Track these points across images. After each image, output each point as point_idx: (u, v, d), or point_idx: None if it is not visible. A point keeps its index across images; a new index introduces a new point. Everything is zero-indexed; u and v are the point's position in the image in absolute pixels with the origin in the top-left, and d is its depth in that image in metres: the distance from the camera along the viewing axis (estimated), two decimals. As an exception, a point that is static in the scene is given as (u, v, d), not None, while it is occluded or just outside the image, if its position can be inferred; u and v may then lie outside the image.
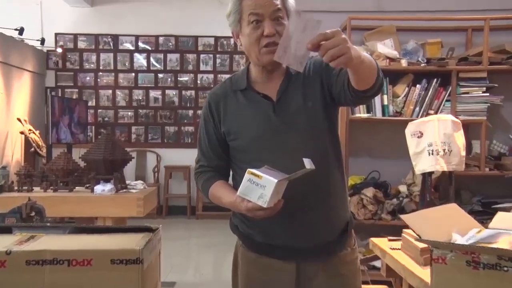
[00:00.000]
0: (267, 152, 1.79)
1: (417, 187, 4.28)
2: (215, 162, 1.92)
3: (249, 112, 1.83)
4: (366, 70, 1.55)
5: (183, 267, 5.49)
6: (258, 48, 1.75)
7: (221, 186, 1.87)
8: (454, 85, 4.40)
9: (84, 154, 4.04)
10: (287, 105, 1.80)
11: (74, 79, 8.53)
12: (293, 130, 1.79)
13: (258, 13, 1.72)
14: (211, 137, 1.90)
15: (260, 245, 1.85)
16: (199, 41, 8.55)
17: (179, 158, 8.41)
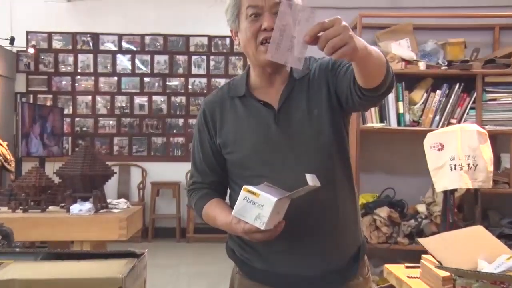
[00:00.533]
0: (267, 167, 1.79)
1: (437, 207, 4.27)
2: (210, 178, 1.92)
3: (248, 122, 1.83)
4: (373, 64, 1.54)
5: (171, 298, 5.48)
6: (255, 44, 1.76)
7: (216, 205, 1.87)
8: (479, 90, 4.40)
9: (59, 169, 4.03)
10: (290, 113, 1.81)
11: (48, 83, 8.54)
12: (296, 142, 1.79)
13: (258, 5, 1.72)
14: (205, 150, 1.91)
15: (259, 273, 1.84)
16: (191, 41, 8.59)
17: (167, 173, 8.41)
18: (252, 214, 1.57)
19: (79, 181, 3.94)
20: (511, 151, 4.41)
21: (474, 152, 3.76)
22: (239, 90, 1.87)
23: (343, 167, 1.85)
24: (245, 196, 1.59)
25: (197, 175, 1.95)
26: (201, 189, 1.93)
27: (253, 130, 1.82)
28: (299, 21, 1.45)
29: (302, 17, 1.45)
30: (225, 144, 1.86)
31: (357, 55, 1.42)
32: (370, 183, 4.53)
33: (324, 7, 4.43)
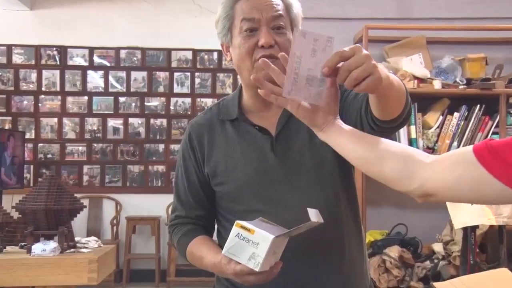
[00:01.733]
0: (262, 201, 1.79)
1: (456, 246, 4.28)
2: (195, 211, 1.92)
3: (240, 149, 1.84)
4: (395, 95, 1.53)
5: None
6: (251, 62, 1.76)
7: (203, 243, 1.85)
8: (503, 112, 4.43)
9: (18, 202, 4.02)
10: (289, 141, 1.82)
11: (6, 103, 8.53)
12: (296, 174, 1.80)
13: (254, 18, 1.74)
14: (191, 179, 1.90)
15: None
16: (173, 55, 8.62)
17: (145, 207, 8.40)
18: (246, 254, 1.55)
19: (42, 217, 3.92)
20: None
21: (498, 183, 3.77)
22: (231, 112, 1.88)
23: (348, 201, 1.85)
24: (238, 233, 1.57)
25: (180, 208, 1.94)
26: (185, 224, 1.92)
27: (246, 158, 1.82)
28: (315, 52, 1.44)
29: (318, 46, 1.44)
30: (214, 174, 1.86)
31: (381, 87, 1.41)
32: (378, 218, 4.53)
33: (327, 18, 4.49)
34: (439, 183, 1.29)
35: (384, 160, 1.40)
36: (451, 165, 1.28)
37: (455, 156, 1.32)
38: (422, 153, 1.39)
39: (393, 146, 1.46)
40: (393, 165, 1.38)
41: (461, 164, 1.25)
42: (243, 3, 1.76)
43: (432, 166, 1.31)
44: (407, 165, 1.35)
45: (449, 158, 1.32)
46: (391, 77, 1.49)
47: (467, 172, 1.23)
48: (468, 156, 1.23)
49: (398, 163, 1.38)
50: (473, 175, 1.22)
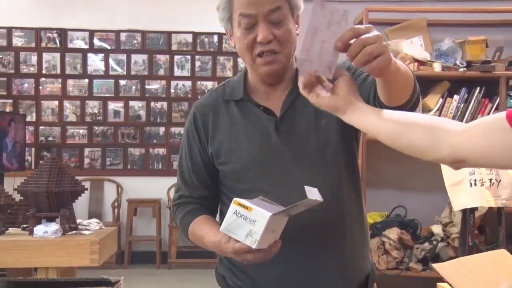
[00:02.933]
0: (266, 181, 1.79)
1: (455, 228, 4.29)
2: (199, 191, 1.91)
3: (245, 129, 1.84)
4: (402, 81, 1.55)
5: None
6: (252, 56, 1.76)
7: (204, 223, 1.85)
8: (503, 95, 4.43)
9: (20, 185, 4.03)
10: (294, 122, 1.81)
11: (7, 86, 8.52)
12: (300, 154, 1.80)
13: (250, 14, 1.72)
14: (195, 159, 1.90)
15: None
16: (173, 38, 8.60)
17: (146, 190, 8.40)
18: (243, 231, 1.54)
19: (44, 199, 3.93)
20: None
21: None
22: (236, 93, 1.88)
23: (351, 183, 1.85)
24: (236, 210, 1.56)
25: (184, 188, 1.93)
26: (188, 204, 1.92)
27: (250, 138, 1.82)
28: (330, 25, 1.44)
29: (334, 20, 1.44)
30: (218, 154, 1.86)
31: (389, 70, 1.43)
32: (378, 200, 4.54)
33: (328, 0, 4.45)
34: (470, 149, 1.32)
35: (413, 131, 1.41)
36: (482, 131, 1.31)
37: (486, 124, 1.34)
38: (451, 121, 1.41)
39: (420, 117, 1.49)
40: (422, 135, 1.40)
41: (494, 130, 1.28)
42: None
43: (462, 133, 1.33)
44: (437, 134, 1.37)
45: (480, 125, 1.34)
46: (398, 63, 1.50)
47: (500, 138, 1.25)
48: (500, 122, 1.25)
49: (427, 132, 1.39)
50: (506, 140, 1.24)
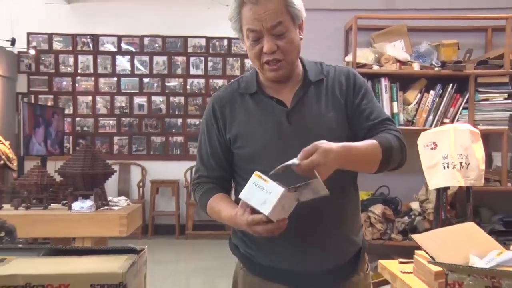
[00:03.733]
0: (277, 163, 1.74)
1: (430, 204, 4.28)
2: (216, 172, 1.90)
3: (259, 117, 1.82)
4: (359, 167, 1.76)
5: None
6: (260, 63, 1.76)
7: (221, 199, 1.85)
8: (472, 91, 4.41)
9: (60, 167, 4.04)
10: (303, 113, 1.80)
11: (49, 84, 8.54)
12: (307, 140, 1.74)
13: (256, 29, 1.71)
14: (213, 144, 1.89)
15: (263, 269, 1.83)
16: (189, 42, 8.58)
17: (166, 172, 8.42)
18: (259, 199, 1.55)
19: (80, 179, 3.94)
20: (502, 150, 4.41)
21: (467, 151, 3.78)
22: (250, 87, 1.86)
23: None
24: (255, 181, 1.58)
25: (203, 169, 1.92)
26: (206, 183, 1.91)
27: (264, 125, 1.81)
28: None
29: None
30: (235, 139, 1.84)
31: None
32: (365, 181, 4.49)
33: (320, 9, 4.44)
34: None
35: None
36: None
37: None
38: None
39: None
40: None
41: None
42: (246, 11, 1.72)
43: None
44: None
45: None
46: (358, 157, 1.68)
47: None
48: None
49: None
50: None
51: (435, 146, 3.81)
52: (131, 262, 1.78)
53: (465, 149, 3.77)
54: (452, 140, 3.78)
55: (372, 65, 4.44)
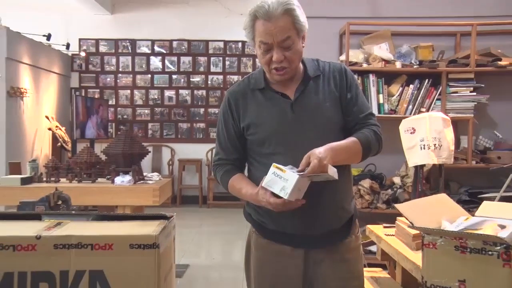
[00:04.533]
0: (283, 145, 1.77)
1: (410, 179, 4.27)
2: (233, 155, 1.89)
3: (268, 109, 1.81)
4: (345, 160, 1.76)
5: (195, 251, 5.52)
6: (269, 69, 1.76)
7: (242, 179, 1.85)
8: (444, 85, 4.39)
9: (105, 148, 4.07)
10: (305, 103, 1.79)
11: (96, 80, 8.55)
12: (309, 127, 1.77)
13: (268, 42, 1.71)
14: (230, 132, 1.88)
15: (271, 233, 1.84)
16: (210, 45, 8.55)
17: (191, 152, 8.44)
18: (278, 186, 1.58)
19: (121, 158, 3.97)
20: (468, 134, 4.40)
21: (439, 135, 3.76)
22: (259, 83, 1.85)
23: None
24: (274, 171, 1.60)
25: (222, 153, 1.91)
26: (225, 165, 1.90)
27: (272, 115, 1.79)
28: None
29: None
30: (248, 127, 1.83)
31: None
32: (355, 160, 4.52)
33: (319, 17, 4.41)
34: None
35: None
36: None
37: None
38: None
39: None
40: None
41: None
42: (260, 25, 1.71)
43: None
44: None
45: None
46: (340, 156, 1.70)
47: None
48: None
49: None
50: None
51: (414, 131, 3.80)
52: (163, 226, 1.79)
53: (438, 133, 3.75)
54: (428, 126, 3.77)
55: (362, 64, 4.43)
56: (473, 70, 4.39)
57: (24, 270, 1.61)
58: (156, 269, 1.67)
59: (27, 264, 1.62)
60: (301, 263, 1.82)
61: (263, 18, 1.70)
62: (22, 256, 1.63)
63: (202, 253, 5.57)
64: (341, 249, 1.84)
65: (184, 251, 5.25)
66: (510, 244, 1.46)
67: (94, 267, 1.66)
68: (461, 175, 4.57)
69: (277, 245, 1.83)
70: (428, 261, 1.59)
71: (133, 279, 1.65)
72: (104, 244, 1.66)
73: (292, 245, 1.81)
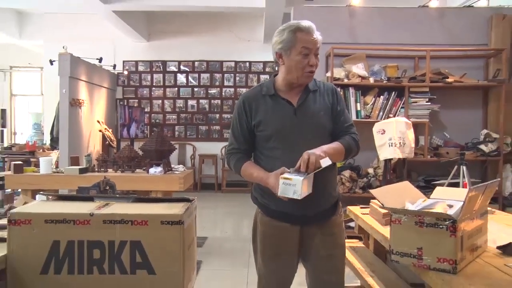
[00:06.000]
0: (284, 142, 1.76)
1: (380, 170, 4.27)
2: (244, 146, 1.87)
3: (275, 111, 1.80)
4: (332, 159, 1.72)
5: (212, 227, 5.53)
6: (302, 72, 1.76)
7: (252, 165, 1.83)
8: (406, 96, 4.40)
9: (142, 145, 4.07)
10: (305, 110, 1.79)
11: (135, 92, 8.56)
12: (307, 129, 1.77)
13: (309, 47, 1.73)
14: (243, 127, 1.85)
15: (274, 212, 1.83)
16: (224, 64, 8.54)
17: (209, 149, 8.43)
18: (291, 191, 1.58)
19: (154, 153, 3.97)
20: (425, 134, 4.42)
21: (403, 135, 3.76)
22: (269, 90, 1.83)
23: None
24: (283, 182, 1.59)
25: (235, 143, 1.88)
26: (238, 153, 1.87)
27: (278, 117, 1.78)
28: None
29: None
30: (258, 125, 1.81)
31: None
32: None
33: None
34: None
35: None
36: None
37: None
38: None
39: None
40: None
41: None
42: (303, 35, 1.73)
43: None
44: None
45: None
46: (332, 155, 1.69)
47: None
48: None
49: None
50: None
51: (384, 132, 3.79)
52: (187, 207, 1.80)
53: (402, 134, 3.75)
54: (394, 128, 3.76)
55: (343, 79, 4.43)
56: (428, 85, 4.42)
57: (82, 239, 1.66)
58: (181, 241, 1.68)
59: (84, 234, 1.66)
60: (297, 236, 1.81)
61: (306, 31, 1.74)
62: (80, 228, 1.66)
63: (218, 228, 5.57)
64: (328, 225, 1.84)
65: (203, 227, 5.26)
66: (455, 219, 1.47)
67: (133, 238, 1.68)
68: (419, 167, 4.57)
69: (278, 222, 1.82)
70: (394, 233, 1.59)
71: (163, 248, 1.67)
72: (141, 220, 1.68)
73: (290, 222, 1.80)
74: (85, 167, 4.03)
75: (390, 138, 3.75)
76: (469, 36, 4.66)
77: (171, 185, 3.85)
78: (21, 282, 1.62)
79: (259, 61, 8.33)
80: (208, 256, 4.14)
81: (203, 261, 3.94)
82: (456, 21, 4.71)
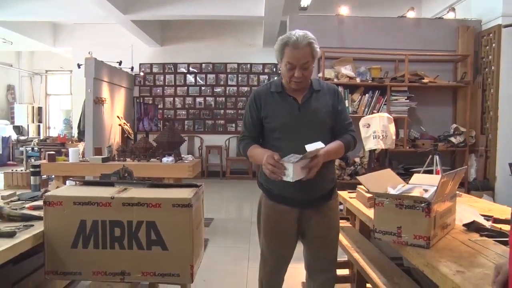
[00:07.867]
0: (288, 134, 1.75)
1: (366, 159, 4.27)
2: (253, 134, 1.84)
3: (281, 106, 1.78)
4: (334, 156, 1.75)
5: (217, 209, 5.54)
6: (289, 80, 1.73)
7: (255, 147, 1.80)
8: (388, 94, 4.39)
9: (156, 138, 4.07)
10: (308, 107, 1.77)
11: (150, 91, 8.53)
12: (309, 123, 1.75)
13: (292, 63, 1.69)
14: (253, 118, 1.83)
15: (276, 196, 1.82)
16: (228, 66, 8.50)
17: (214, 141, 8.42)
18: (286, 176, 1.56)
19: (166, 145, 3.98)
20: (404, 128, 4.42)
21: (386, 129, 3.75)
22: (277, 88, 1.81)
23: (330, 140, 1.79)
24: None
25: (246, 131, 1.86)
26: (247, 139, 1.85)
27: (284, 112, 1.77)
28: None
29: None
30: (266, 117, 1.79)
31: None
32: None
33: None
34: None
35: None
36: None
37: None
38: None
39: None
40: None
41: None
42: (289, 50, 1.68)
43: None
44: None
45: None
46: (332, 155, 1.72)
47: None
48: None
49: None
50: None
51: (369, 126, 3.79)
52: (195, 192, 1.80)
53: (385, 127, 3.74)
54: (378, 122, 3.76)
55: (333, 79, 4.41)
56: (406, 85, 4.42)
57: (104, 219, 1.69)
58: (190, 221, 1.69)
59: (106, 215, 1.68)
60: (296, 218, 1.81)
61: (292, 46, 1.67)
62: (102, 210, 1.68)
63: (222, 211, 5.59)
64: (324, 208, 1.83)
65: (210, 209, 5.27)
66: (430, 202, 1.48)
67: (149, 219, 1.69)
68: (399, 156, 4.57)
69: (280, 205, 1.81)
70: (377, 214, 1.60)
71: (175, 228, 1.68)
72: (155, 203, 1.69)
73: (291, 206, 1.79)
74: (107, 157, 4.03)
75: (374, 131, 3.75)
76: (441, 43, 4.70)
77: (181, 172, 3.86)
78: (56, 254, 1.68)
79: (259, 63, 8.29)
80: (214, 234, 4.15)
81: (210, 239, 3.95)
82: (429, 30, 4.74)
